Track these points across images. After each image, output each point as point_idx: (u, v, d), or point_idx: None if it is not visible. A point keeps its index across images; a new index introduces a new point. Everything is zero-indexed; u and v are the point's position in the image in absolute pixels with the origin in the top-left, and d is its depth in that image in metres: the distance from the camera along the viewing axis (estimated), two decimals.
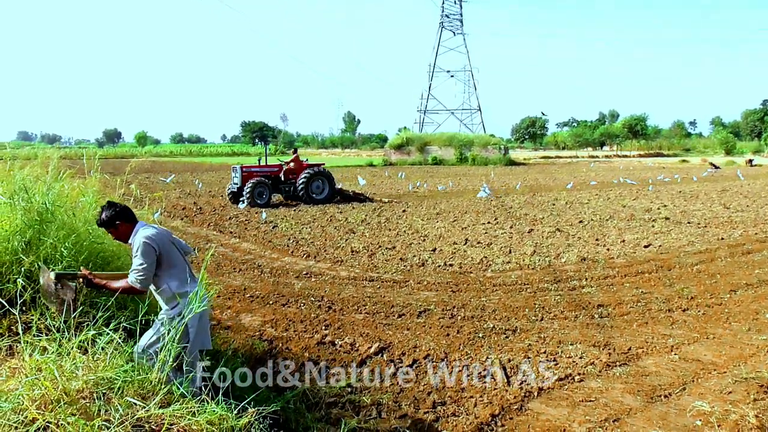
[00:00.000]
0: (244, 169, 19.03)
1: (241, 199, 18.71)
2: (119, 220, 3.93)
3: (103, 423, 2.67)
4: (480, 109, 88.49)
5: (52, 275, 3.80)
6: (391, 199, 20.68)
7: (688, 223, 14.01)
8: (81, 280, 3.88)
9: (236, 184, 18.94)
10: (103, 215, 3.94)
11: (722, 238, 11.79)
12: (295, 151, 21.07)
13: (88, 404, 2.82)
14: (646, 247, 10.95)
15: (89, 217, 4.70)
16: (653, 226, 13.52)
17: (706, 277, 8.64)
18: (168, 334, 3.54)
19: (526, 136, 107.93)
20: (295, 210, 17.42)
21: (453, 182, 28.52)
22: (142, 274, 3.75)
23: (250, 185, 18.31)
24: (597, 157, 69.31)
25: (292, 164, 19.74)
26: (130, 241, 3.92)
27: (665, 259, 9.84)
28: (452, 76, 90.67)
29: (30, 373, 2.93)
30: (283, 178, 19.55)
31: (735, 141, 71.85)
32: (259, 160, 20.61)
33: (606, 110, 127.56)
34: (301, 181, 19.20)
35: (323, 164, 20.80)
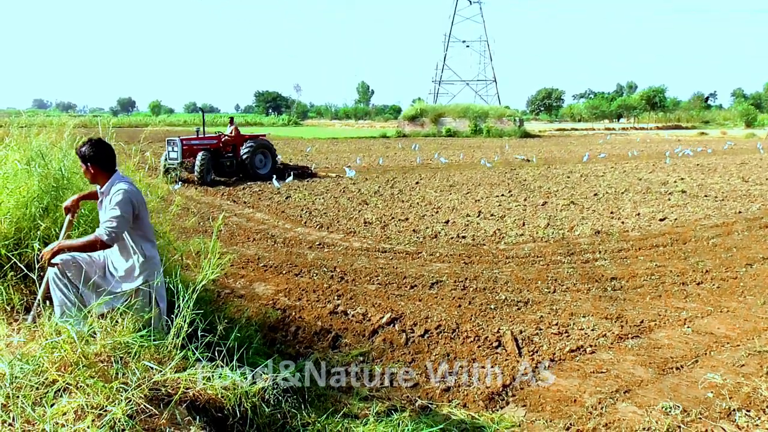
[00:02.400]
0: (184, 142, 16.72)
1: (189, 176, 16.75)
2: (93, 162, 3.72)
3: (121, 386, 2.73)
4: (495, 80, 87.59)
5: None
6: (337, 174, 19.24)
7: (705, 196, 13.84)
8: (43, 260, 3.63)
9: (175, 159, 16.46)
10: (84, 149, 3.74)
11: (740, 212, 11.65)
12: (232, 121, 18.79)
13: (106, 367, 2.88)
14: (661, 220, 10.86)
15: None
16: (669, 200, 13.37)
17: (722, 250, 8.56)
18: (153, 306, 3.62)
19: (542, 108, 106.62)
20: (308, 181, 17.43)
21: (464, 154, 28.32)
22: (115, 226, 3.56)
23: (201, 160, 16.32)
24: (613, 129, 68.32)
25: (228, 135, 17.87)
26: (101, 190, 3.76)
27: (681, 233, 9.75)
28: (468, 46, 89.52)
29: (49, 336, 2.99)
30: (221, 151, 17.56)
31: (756, 113, 70.26)
32: (197, 132, 18.32)
33: (624, 82, 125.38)
34: (245, 155, 17.41)
35: (265, 135, 19.23)
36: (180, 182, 15.91)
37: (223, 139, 17.65)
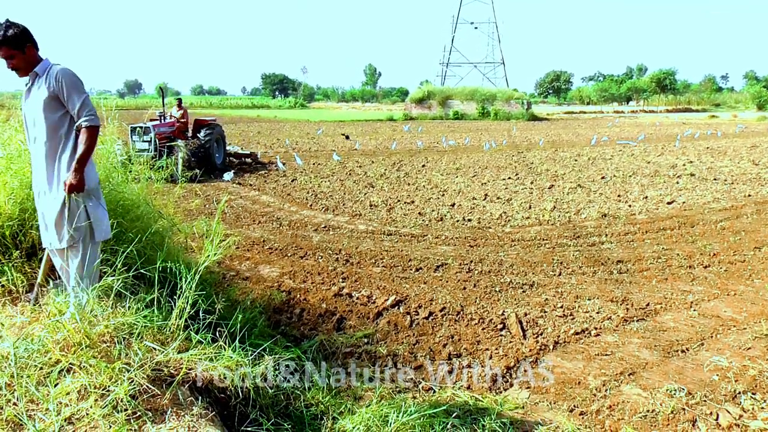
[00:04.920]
0: (155, 129, 13.74)
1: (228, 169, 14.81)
2: (30, 42, 3.37)
3: (124, 366, 2.74)
4: (503, 63, 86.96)
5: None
6: (285, 161, 17.31)
7: (715, 179, 13.71)
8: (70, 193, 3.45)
9: (146, 151, 12.94)
10: (10, 32, 3.27)
11: (749, 195, 11.53)
12: (181, 104, 15.80)
13: (109, 347, 2.89)
14: (669, 203, 10.77)
15: (108, 165, 4.73)
16: (678, 183, 13.26)
17: (731, 233, 8.49)
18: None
19: (550, 91, 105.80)
20: (314, 164, 17.38)
21: (470, 137, 28.16)
22: (92, 109, 3.43)
23: (186, 151, 13.70)
24: (622, 112, 67.67)
25: (177, 119, 15.23)
26: (36, 70, 3.44)
27: (689, 216, 9.67)
28: (476, 27, 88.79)
29: (53, 316, 3.00)
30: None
31: None
32: (161, 116, 15.18)
33: (634, 64, 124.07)
34: (207, 143, 14.76)
35: (215, 119, 16.31)
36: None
37: (177, 125, 15.03)
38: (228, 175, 14.15)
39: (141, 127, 13.36)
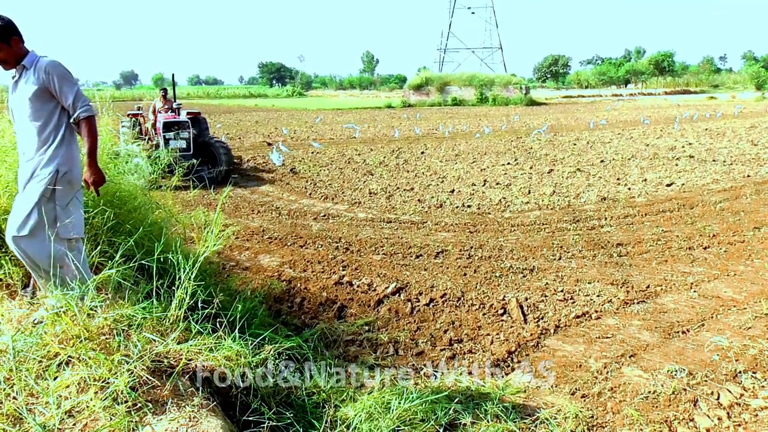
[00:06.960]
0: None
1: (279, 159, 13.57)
2: (16, 35, 3.30)
3: (123, 358, 2.73)
4: (501, 48, 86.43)
5: None
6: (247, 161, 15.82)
7: (713, 161, 13.68)
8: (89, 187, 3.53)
9: (185, 150, 11.56)
10: (4, 23, 3.21)
11: (748, 176, 11.51)
12: (166, 94, 13.51)
13: (108, 339, 2.88)
14: (668, 185, 10.75)
15: (104, 157, 4.69)
16: (677, 165, 13.23)
17: (730, 214, 8.47)
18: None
19: (548, 75, 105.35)
20: (312, 153, 17.32)
21: (468, 124, 28.05)
22: (86, 99, 3.44)
23: (226, 150, 12.25)
24: (620, 95, 67.38)
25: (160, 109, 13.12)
26: (23, 63, 3.37)
27: (688, 198, 9.66)
28: (473, 13, 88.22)
29: (50, 309, 2.98)
30: None
31: (767, 75, 68.95)
32: (176, 108, 13.07)
33: (632, 47, 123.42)
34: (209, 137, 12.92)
35: (199, 112, 13.71)
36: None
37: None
38: (278, 160, 13.95)
39: (177, 123, 11.68)
